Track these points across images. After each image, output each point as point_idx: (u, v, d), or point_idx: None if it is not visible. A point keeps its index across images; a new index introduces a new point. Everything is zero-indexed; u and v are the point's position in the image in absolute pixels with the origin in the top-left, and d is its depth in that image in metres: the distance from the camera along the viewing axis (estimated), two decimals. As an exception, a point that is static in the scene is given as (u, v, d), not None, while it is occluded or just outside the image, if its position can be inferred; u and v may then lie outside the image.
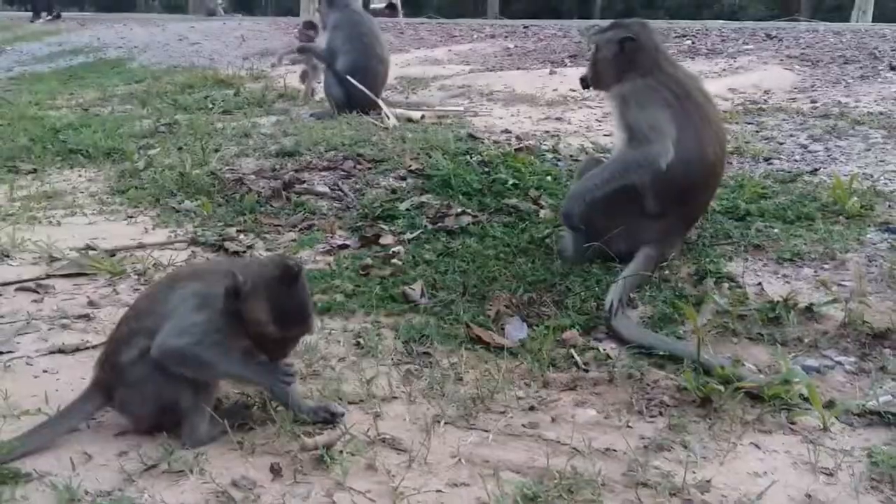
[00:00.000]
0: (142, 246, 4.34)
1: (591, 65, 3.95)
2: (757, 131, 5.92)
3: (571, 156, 5.60)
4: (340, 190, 5.18)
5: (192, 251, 4.27)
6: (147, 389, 2.50)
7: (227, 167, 5.73)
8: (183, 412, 2.51)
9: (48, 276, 3.93)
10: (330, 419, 2.62)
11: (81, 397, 2.60)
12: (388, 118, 6.85)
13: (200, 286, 2.55)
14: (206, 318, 2.48)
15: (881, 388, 2.69)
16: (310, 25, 7.73)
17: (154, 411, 2.54)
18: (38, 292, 3.74)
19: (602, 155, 4.42)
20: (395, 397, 2.82)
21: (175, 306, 2.51)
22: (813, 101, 6.66)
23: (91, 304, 3.62)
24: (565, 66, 9.63)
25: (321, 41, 7.70)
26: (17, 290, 3.79)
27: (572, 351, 3.08)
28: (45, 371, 3.03)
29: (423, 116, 7.07)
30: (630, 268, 3.56)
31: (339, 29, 7.50)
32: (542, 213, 4.52)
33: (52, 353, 3.16)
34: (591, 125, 6.73)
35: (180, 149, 6.34)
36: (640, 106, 3.64)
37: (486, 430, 2.60)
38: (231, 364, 2.53)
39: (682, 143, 3.57)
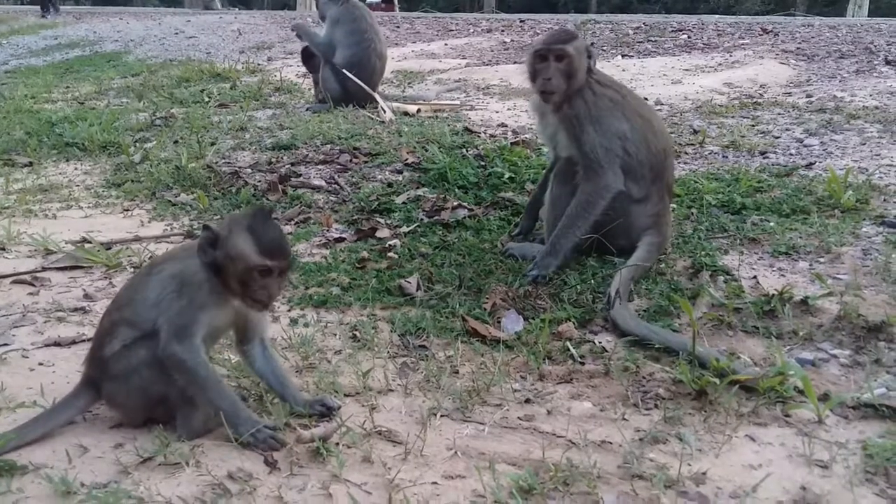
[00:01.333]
0: (138, 239, 4.34)
1: (561, 75, 3.67)
2: (752, 125, 5.92)
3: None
4: (336, 183, 5.18)
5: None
6: (132, 383, 2.49)
7: (223, 160, 5.73)
8: (175, 405, 2.50)
9: (44, 269, 3.93)
10: (326, 412, 2.62)
11: (71, 394, 2.60)
12: (385, 112, 6.85)
13: (175, 265, 2.54)
14: (188, 300, 2.46)
15: (876, 380, 2.70)
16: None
17: (142, 404, 2.53)
18: (33, 285, 3.74)
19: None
20: (392, 390, 2.82)
21: (157, 294, 2.49)
22: (808, 96, 6.66)
23: (87, 296, 3.61)
24: (562, 60, 9.62)
25: (320, 34, 7.69)
26: (12, 282, 3.78)
27: (568, 344, 3.08)
28: (40, 364, 3.03)
29: (419, 110, 7.07)
30: (635, 256, 3.59)
31: (339, 23, 7.49)
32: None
33: (47, 345, 3.16)
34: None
35: (176, 142, 6.34)
36: (595, 123, 3.67)
37: (482, 423, 2.61)
38: (223, 399, 2.48)
39: (640, 126, 3.72)
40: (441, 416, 2.65)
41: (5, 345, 3.16)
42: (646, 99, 6.85)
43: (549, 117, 3.83)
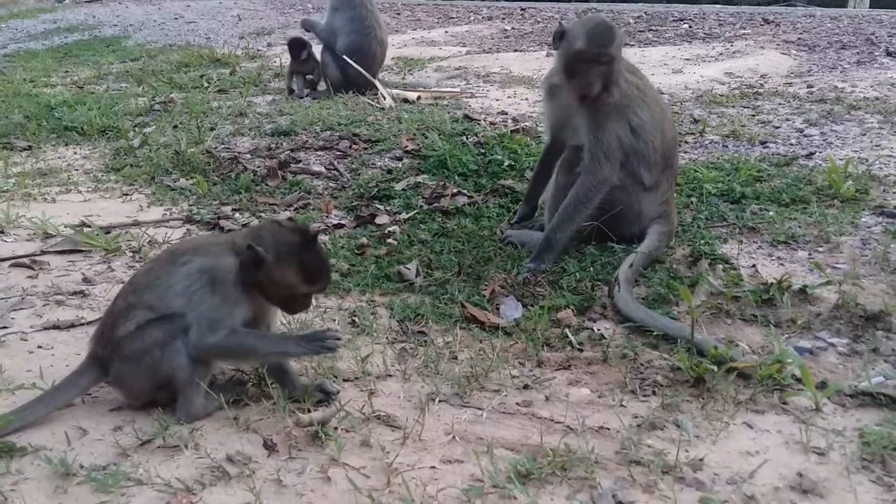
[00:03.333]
0: (137, 223, 4.34)
1: (603, 78, 3.55)
2: (753, 115, 5.91)
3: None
4: (336, 170, 5.17)
5: (188, 229, 4.27)
6: (143, 363, 2.50)
7: (222, 146, 5.72)
8: (178, 387, 2.51)
9: (43, 253, 3.93)
10: (324, 398, 2.63)
11: (76, 372, 2.60)
12: (385, 99, 6.84)
13: (205, 261, 2.56)
14: (221, 297, 2.50)
15: (873, 369, 2.71)
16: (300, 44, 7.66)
17: (149, 385, 2.54)
18: (32, 268, 3.74)
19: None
20: (390, 375, 2.83)
21: (184, 286, 2.51)
22: (809, 86, 6.66)
23: (86, 280, 3.61)
24: (562, 48, 9.59)
25: (322, 20, 7.67)
26: (11, 266, 3.79)
27: (567, 331, 3.09)
28: (39, 347, 3.03)
29: (419, 97, 7.05)
30: (645, 244, 3.59)
31: (339, 10, 7.48)
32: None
33: (46, 328, 3.17)
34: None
35: (175, 127, 6.33)
36: (620, 116, 3.64)
37: (481, 408, 2.61)
38: (271, 344, 2.58)
39: (658, 114, 3.72)
40: (439, 401, 2.66)
41: (4, 328, 3.17)
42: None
43: (564, 102, 3.75)
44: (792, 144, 5.19)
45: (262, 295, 2.58)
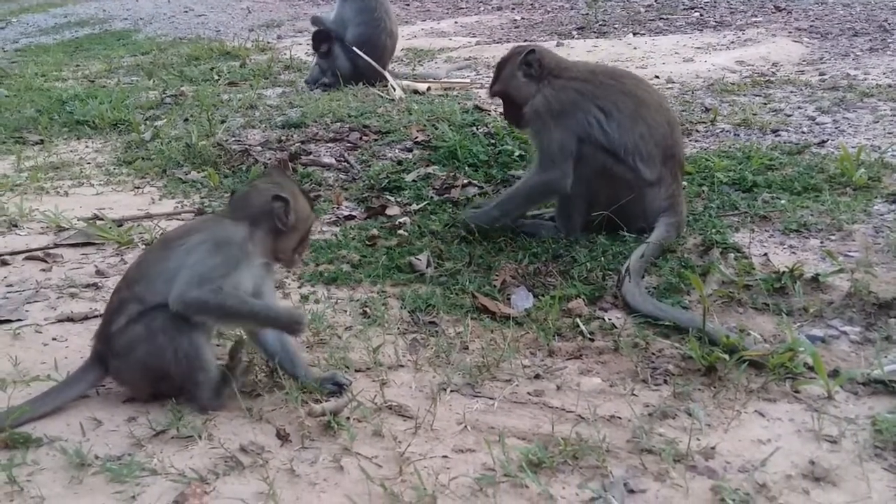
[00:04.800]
0: (149, 216, 4.36)
1: (510, 108, 3.96)
2: (765, 103, 5.88)
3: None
4: (346, 161, 5.18)
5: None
6: (133, 357, 2.51)
7: (233, 138, 5.73)
8: (179, 380, 2.52)
9: (56, 246, 3.96)
10: (336, 389, 2.64)
11: (81, 369, 2.62)
12: (395, 90, 6.83)
13: (204, 234, 2.58)
14: (223, 259, 2.52)
15: (886, 357, 2.70)
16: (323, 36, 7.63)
17: (145, 378, 2.56)
18: (46, 261, 3.77)
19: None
20: (402, 365, 2.84)
21: (179, 264, 2.52)
22: (821, 74, 6.61)
23: (99, 273, 3.64)
24: (572, 37, 9.58)
25: (331, 12, 7.67)
26: (25, 259, 3.82)
27: (578, 320, 3.09)
28: (53, 339, 3.06)
29: (429, 88, 7.05)
30: (654, 235, 3.58)
31: (350, 0, 7.47)
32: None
33: (60, 321, 3.19)
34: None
35: (186, 120, 6.35)
36: (554, 119, 3.71)
37: (492, 398, 2.62)
38: (258, 307, 2.56)
39: (620, 108, 3.69)
40: (451, 391, 2.67)
41: (19, 320, 3.20)
42: (656, 77, 6.83)
43: None
44: (804, 132, 5.16)
45: (277, 250, 2.66)
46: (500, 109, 6.09)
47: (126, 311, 2.53)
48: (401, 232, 3.99)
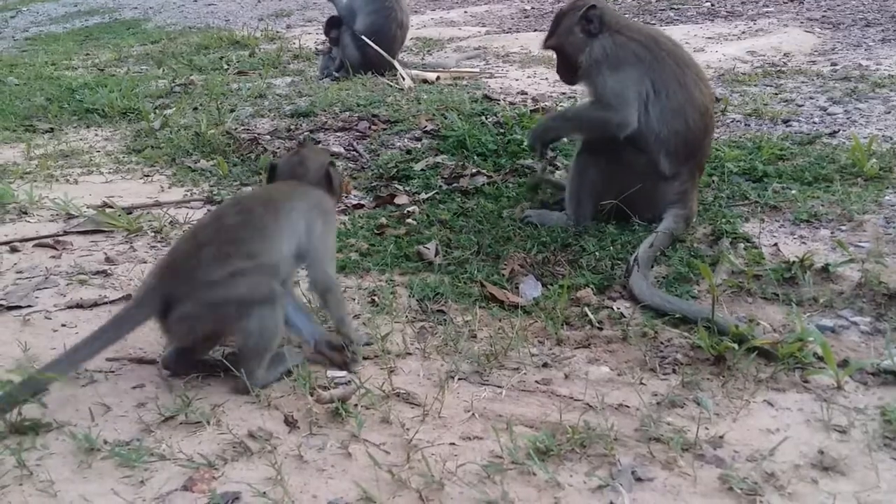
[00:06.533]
0: (158, 204, 4.37)
1: (564, 65, 3.87)
2: (776, 94, 5.85)
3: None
4: (355, 150, 5.18)
5: (209, 210, 4.28)
6: (220, 310, 2.52)
7: (242, 127, 5.74)
8: (254, 349, 2.55)
9: (66, 233, 3.97)
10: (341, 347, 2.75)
11: (134, 306, 2.57)
12: (404, 79, 6.82)
13: (306, 201, 2.77)
14: (332, 229, 2.82)
15: (895, 347, 2.69)
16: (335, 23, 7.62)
17: (211, 334, 2.61)
18: (56, 248, 3.78)
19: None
20: (410, 353, 2.84)
21: (294, 228, 2.67)
22: (833, 64, 6.57)
23: (108, 260, 3.65)
24: (582, 27, 9.53)
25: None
26: (35, 246, 3.83)
27: (586, 309, 3.08)
28: (63, 325, 3.07)
29: (438, 78, 7.04)
30: (662, 226, 3.57)
31: None
32: (557, 174, 4.51)
33: (70, 307, 3.20)
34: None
35: (196, 109, 6.36)
36: (611, 68, 3.63)
37: (500, 386, 2.62)
38: (346, 311, 2.82)
39: (669, 96, 3.59)
40: (459, 379, 2.67)
41: (29, 306, 3.21)
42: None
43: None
44: (815, 123, 5.13)
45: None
46: (510, 99, 6.10)
47: (230, 264, 2.51)
48: (409, 221, 3.99)
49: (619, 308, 3.12)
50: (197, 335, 2.59)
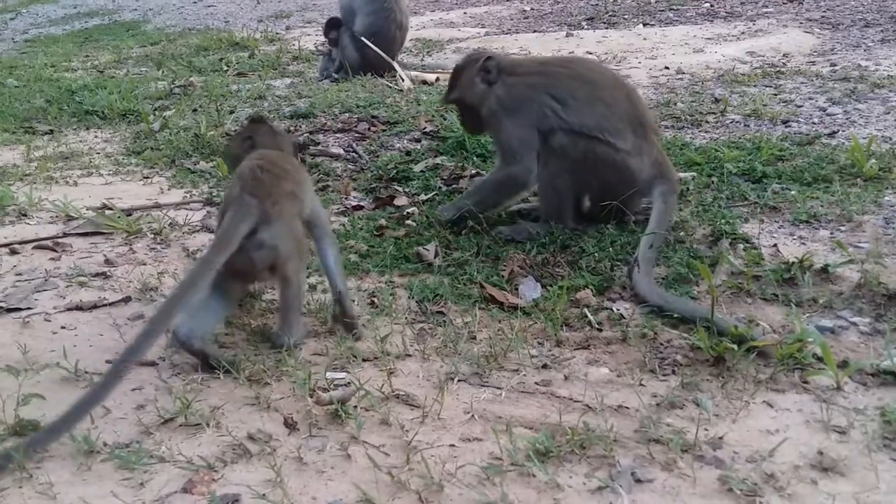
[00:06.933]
0: (158, 206, 4.37)
1: (468, 116, 4.01)
2: (775, 94, 5.85)
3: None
4: (355, 152, 5.18)
5: (208, 211, 4.28)
6: (286, 247, 2.76)
7: (241, 129, 5.73)
8: (292, 300, 2.82)
9: (65, 235, 3.97)
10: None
11: (237, 216, 2.70)
12: (403, 80, 6.82)
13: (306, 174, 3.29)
14: None
15: (895, 348, 2.68)
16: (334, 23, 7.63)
17: (272, 265, 2.77)
18: (55, 250, 3.78)
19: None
20: (409, 355, 2.84)
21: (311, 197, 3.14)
22: (832, 65, 6.57)
23: (108, 262, 3.65)
24: (582, 28, 9.55)
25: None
26: (34, 248, 3.83)
27: (586, 310, 3.08)
28: (63, 327, 3.07)
29: (438, 79, 7.03)
30: (654, 215, 3.55)
31: None
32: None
33: (69, 309, 3.20)
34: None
35: (195, 110, 6.36)
36: (508, 113, 3.75)
37: (499, 388, 2.62)
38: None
39: (576, 96, 3.68)
40: (458, 380, 2.67)
41: (28, 308, 3.21)
42: (666, 68, 6.80)
43: None
44: (814, 123, 5.13)
45: None
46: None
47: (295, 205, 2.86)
48: (409, 222, 3.99)
49: (618, 309, 3.12)
50: (266, 263, 2.74)
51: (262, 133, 3.23)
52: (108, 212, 4.20)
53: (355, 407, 2.49)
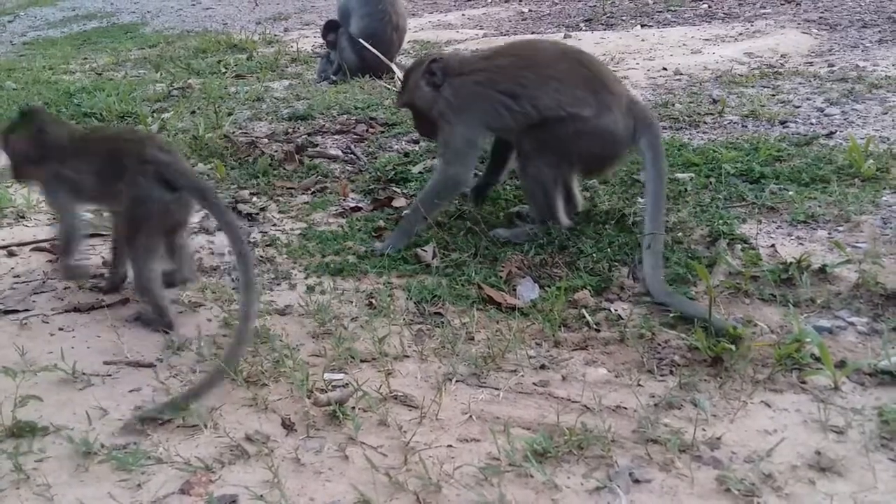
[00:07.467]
0: (155, 208, 4.35)
1: (421, 120, 3.97)
2: (773, 95, 5.85)
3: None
4: (353, 153, 5.18)
5: (206, 213, 4.27)
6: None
7: (240, 131, 5.75)
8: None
9: (63, 237, 3.96)
10: None
11: None
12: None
13: None
14: None
15: (893, 348, 2.68)
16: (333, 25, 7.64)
17: None
18: (52, 252, 3.77)
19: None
20: (407, 356, 2.84)
21: None
22: (830, 65, 6.57)
23: (105, 263, 3.64)
24: (580, 29, 9.55)
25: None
26: (32, 250, 3.83)
27: (584, 311, 3.08)
28: (60, 329, 3.07)
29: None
30: (649, 185, 3.48)
31: None
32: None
33: (67, 311, 3.20)
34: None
35: (193, 112, 6.36)
36: (457, 112, 3.70)
37: (497, 388, 2.62)
38: None
39: (527, 85, 3.59)
40: (456, 381, 2.67)
41: (26, 310, 3.21)
42: (664, 69, 6.80)
43: None
44: (812, 124, 5.13)
45: None
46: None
47: None
48: (407, 223, 3.98)
49: (616, 310, 3.12)
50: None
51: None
52: (105, 214, 4.19)
53: (353, 408, 2.49)
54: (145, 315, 3.09)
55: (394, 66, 7.22)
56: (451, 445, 2.32)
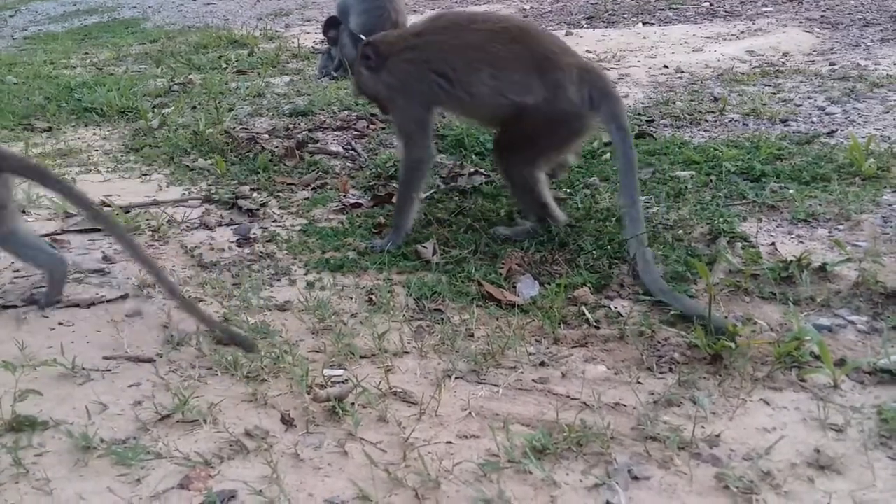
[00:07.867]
0: (156, 203, 4.37)
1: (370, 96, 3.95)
2: (774, 93, 5.85)
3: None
4: (353, 149, 5.18)
5: (206, 208, 4.28)
6: None
7: (240, 126, 5.74)
8: None
9: (63, 232, 3.98)
10: None
11: None
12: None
13: None
14: None
15: (893, 346, 2.68)
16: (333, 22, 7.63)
17: None
18: (53, 247, 3.76)
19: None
20: (407, 352, 2.84)
21: None
22: (832, 64, 6.57)
23: (105, 259, 3.65)
24: (581, 27, 9.54)
25: None
26: (32, 245, 3.81)
27: (583, 308, 3.08)
28: (60, 323, 3.07)
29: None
30: (620, 162, 3.44)
31: None
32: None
33: (67, 306, 3.20)
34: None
35: (194, 108, 6.35)
36: (400, 94, 3.66)
37: (497, 385, 2.62)
38: None
39: (458, 68, 3.51)
40: (456, 377, 2.67)
41: (26, 305, 3.20)
42: (665, 67, 6.80)
43: None
44: (813, 122, 5.13)
45: None
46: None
47: None
48: (407, 220, 3.98)
49: (616, 307, 3.12)
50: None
51: None
52: (106, 209, 4.19)
53: (352, 404, 2.49)
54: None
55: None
56: (450, 442, 2.32)
